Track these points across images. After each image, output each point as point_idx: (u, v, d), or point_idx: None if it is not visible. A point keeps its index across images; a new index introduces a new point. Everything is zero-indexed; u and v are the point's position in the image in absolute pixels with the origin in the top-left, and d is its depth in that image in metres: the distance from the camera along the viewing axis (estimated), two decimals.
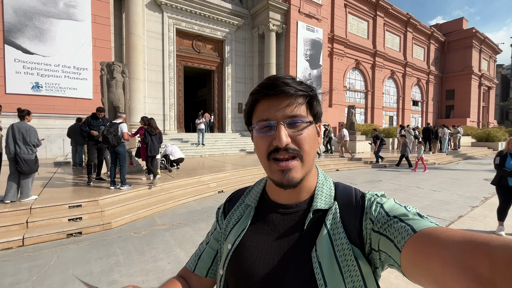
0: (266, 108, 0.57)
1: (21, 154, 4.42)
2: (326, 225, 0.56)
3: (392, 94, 29.24)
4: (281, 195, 0.63)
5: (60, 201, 4.49)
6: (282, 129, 0.54)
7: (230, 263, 0.62)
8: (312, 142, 0.58)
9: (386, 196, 0.59)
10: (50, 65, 10.25)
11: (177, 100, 15.46)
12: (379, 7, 25.57)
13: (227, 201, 0.76)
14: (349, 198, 0.60)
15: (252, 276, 0.58)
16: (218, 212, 0.76)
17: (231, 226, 0.68)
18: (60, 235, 3.86)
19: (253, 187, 0.73)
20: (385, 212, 0.52)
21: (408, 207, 0.52)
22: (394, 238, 0.46)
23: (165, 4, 14.30)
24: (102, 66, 7.34)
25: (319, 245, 0.54)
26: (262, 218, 0.65)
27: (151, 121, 6.07)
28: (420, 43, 32.27)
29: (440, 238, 0.39)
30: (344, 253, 0.53)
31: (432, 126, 15.10)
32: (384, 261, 0.51)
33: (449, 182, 8.11)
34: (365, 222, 0.54)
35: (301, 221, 0.60)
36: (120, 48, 13.16)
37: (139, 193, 5.46)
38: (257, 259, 0.59)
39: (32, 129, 4.60)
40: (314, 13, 18.13)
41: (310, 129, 0.58)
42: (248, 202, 0.69)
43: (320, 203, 0.59)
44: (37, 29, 10.00)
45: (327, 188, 0.63)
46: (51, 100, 10.30)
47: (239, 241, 0.63)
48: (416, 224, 0.45)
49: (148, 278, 2.86)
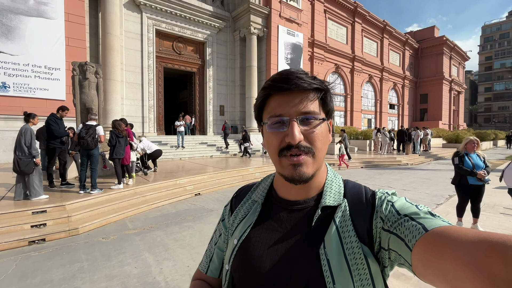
0: (278, 103, 0.56)
1: (17, 156, 4.53)
2: (335, 222, 0.55)
3: (370, 98, 30.32)
4: (290, 191, 0.62)
5: (22, 206, 4.28)
6: (295, 125, 0.54)
7: (236, 258, 0.62)
8: (324, 139, 0.58)
9: (397, 195, 0.58)
10: (18, 64, 9.75)
11: (156, 102, 15.18)
12: (357, 14, 26.54)
13: (234, 197, 0.75)
14: (359, 196, 0.59)
15: (258, 272, 0.57)
16: (224, 210, 0.75)
17: (238, 221, 0.67)
18: (21, 243, 3.67)
19: (260, 183, 0.72)
20: (396, 211, 0.51)
21: (419, 206, 0.51)
22: (405, 237, 0.46)
23: (144, 4, 14.05)
24: (74, 66, 7.08)
25: (327, 242, 0.53)
26: (269, 214, 0.64)
27: (116, 123, 5.91)
28: (395, 49, 33.76)
29: (453, 237, 0.38)
30: (353, 251, 0.52)
31: (406, 128, 15.82)
32: (394, 260, 0.50)
33: (419, 182, 8.51)
34: (375, 220, 0.53)
35: (309, 218, 0.58)
36: (96, 48, 12.76)
37: (111, 197, 5.30)
38: (263, 255, 0.58)
39: (27, 131, 4.64)
40: (295, 18, 18.50)
41: (322, 126, 0.57)
42: (255, 198, 0.68)
43: (329, 200, 0.58)
44: (4, 26, 9.49)
45: (336, 185, 0.62)
46: (19, 101, 9.78)
47: (245, 237, 0.62)
48: (427, 223, 0.44)
49: (112, 284, 2.79)
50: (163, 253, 3.48)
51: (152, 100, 14.76)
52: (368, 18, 27.93)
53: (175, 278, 2.90)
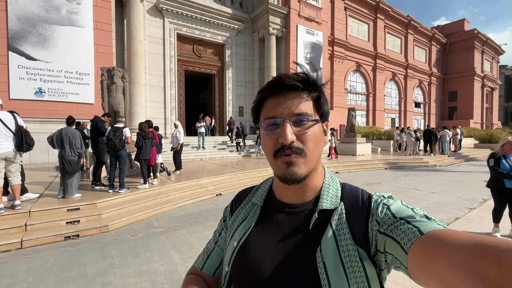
0: (272, 106, 0.58)
1: (66, 156, 4.84)
2: (331, 226, 0.56)
3: (393, 96, 29.19)
4: (287, 194, 0.63)
5: (59, 204, 4.57)
6: (287, 126, 0.55)
7: (236, 260, 0.63)
8: (318, 140, 0.58)
9: (394, 198, 0.58)
10: (52, 71, 10.44)
11: (178, 104, 15.61)
12: (380, 9, 25.66)
13: (234, 200, 0.77)
14: (356, 199, 0.59)
15: (257, 274, 0.58)
16: (225, 212, 0.77)
17: (237, 224, 0.68)
18: (58, 238, 3.93)
19: (260, 186, 0.73)
20: (392, 214, 0.51)
21: (415, 209, 0.51)
22: (400, 240, 0.46)
23: (166, 9, 14.51)
24: (102, 71, 7.47)
25: (324, 245, 0.54)
26: (267, 217, 0.65)
27: (142, 125, 6.15)
28: (421, 45, 32.24)
29: (448, 240, 0.38)
30: (349, 254, 0.52)
31: (433, 128, 15.04)
32: (390, 263, 0.50)
33: (448, 184, 8.06)
34: (371, 223, 0.54)
35: (306, 221, 0.59)
36: (122, 53, 13.36)
37: (137, 196, 5.52)
38: (262, 257, 0.59)
39: (77, 134, 5.05)
40: (314, 17, 18.25)
41: (316, 128, 0.58)
42: (254, 201, 0.69)
43: (326, 203, 0.59)
44: (40, 36, 10.21)
45: (333, 189, 0.62)
46: (53, 105, 10.47)
47: (245, 239, 0.63)
48: (423, 226, 0.44)
49: (141, 279, 2.90)
50: (188, 252, 3.57)
51: (174, 102, 15.20)
52: (391, 14, 26.90)
53: None
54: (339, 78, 22.32)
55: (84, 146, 5.28)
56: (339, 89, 22.30)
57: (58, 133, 4.94)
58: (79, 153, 5.05)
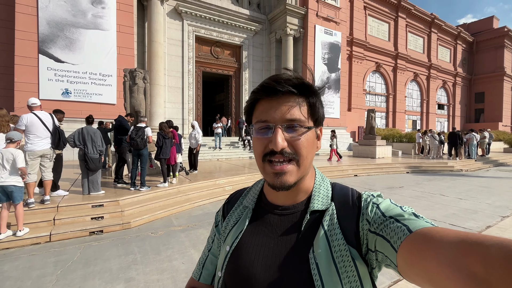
0: (265, 109, 0.56)
1: (89, 154, 5.02)
2: (323, 226, 0.56)
3: (415, 98, 28.16)
4: (278, 196, 0.63)
5: (84, 200, 4.74)
6: (279, 132, 0.54)
7: (229, 265, 0.62)
8: (310, 147, 0.57)
9: (383, 196, 0.59)
10: (78, 73, 10.91)
11: (195, 104, 15.85)
12: (401, 8, 24.87)
13: (226, 203, 0.75)
14: (346, 199, 0.59)
15: (251, 277, 0.58)
16: (217, 216, 0.76)
17: (230, 228, 0.68)
18: (83, 233, 4.07)
19: (251, 188, 0.73)
20: (381, 213, 0.52)
21: (404, 207, 0.51)
22: (390, 239, 0.46)
23: (185, 12, 14.80)
24: (125, 72, 7.71)
25: (316, 246, 0.54)
26: (259, 219, 0.64)
27: (163, 125, 6.26)
28: (445, 44, 30.91)
29: (435, 237, 0.39)
30: (341, 253, 0.53)
31: (459, 130, 14.31)
32: (381, 261, 0.50)
33: (477, 190, 7.63)
34: (361, 222, 0.54)
35: (298, 222, 0.59)
36: (143, 55, 13.75)
37: (157, 194, 5.63)
38: (255, 261, 0.59)
39: (98, 133, 5.25)
40: (332, 17, 17.96)
41: (308, 134, 0.57)
42: (246, 204, 0.69)
43: (317, 204, 0.59)
44: (67, 39, 10.71)
45: (324, 189, 0.62)
46: (79, 105, 10.94)
47: (237, 243, 0.63)
48: (412, 224, 0.45)
49: (163, 277, 2.93)
50: None
51: (192, 103, 15.45)
52: (413, 12, 25.98)
53: None
54: (357, 79, 21.82)
55: (104, 144, 5.45)
56: (358, 90, 21.80)
57: (79, 132, 5.09)
58: (100, 151, 5.21)
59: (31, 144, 4.34)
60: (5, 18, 11.00)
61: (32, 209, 4.24)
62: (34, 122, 4.38)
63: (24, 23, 10.02)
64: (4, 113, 4.66)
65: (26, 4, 10.03)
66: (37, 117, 4.43)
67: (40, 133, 4.41)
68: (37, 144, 4.38)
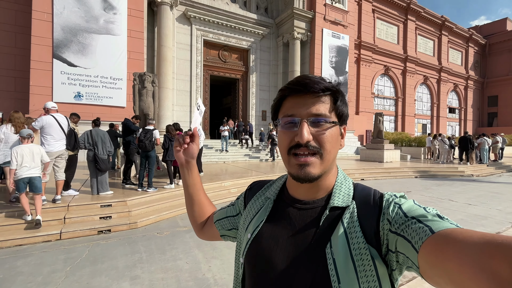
0: (292, 105, 0.59)
1: (99, 155, 5.21)
2: (343, 223, 0.56)
3: (425, 101, 27.71)
4: (299, 190, 0.64)
5: (93, 200, 4.88)
6: (305, 126, 0.56)
7: (249, 252, 0.64)
8: (334, 142, 0.59)
9: (406, 197, 0.58)
10: (90, 76, 11.24)
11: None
12: (410, 11, 24.63)
13: (248, 190, 0.79)
14: (367, 198, 0.59)
15: (269, 266, 0.59)
16: (239, 197, 0.83)
17: (251, 216, 0.70)
18: (92, 231, 4.19)
19: (275, 182, 0.75)
20: (403, 213, 0.51)
21: (427, 208, 0.51)
22: (411, 239, 0.46)
23: (194, 17, 15.09)
24: (134, 76, 7.91)
25: (334, 242, 0.54)
26: (280, 212, 0.66)
27: (169, 127, 6.38)
28: (457, 46, 30.38)
29: (459, 238, 0.38)
30: (360, 252, 0.52)
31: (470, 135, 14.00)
32: (402, 263, 0.50)
33: (488, 196, 7.44)
34: (382, 222, 0.54)
35: (317, 218, 0.60)
36: (152, 59, 14.06)
37: (164, 195, 5.73)
38: (273, 251, 0.60)
39: (106, 135, 5.45)
40: (340, 20, 17.96)
41: (333, 130, 0.59)
42: (268, 195, 0.71)
43: (337, 201, 0.60)
44: (80, 44, 11.07)
45: (345, 187, 0.63)
46: (90, 108, 11.25)
47: (258, 231, 0.65)
48: (435, 225, 0.44)
49: (167, 276, 3.00)
50: (211, 252, 3.63)
51: None
52: (423, 15, 25.69)
53: (223, 276, 3.00)
54: (365, 82, 21.65)
55: (113, 146, 5.60)
56: (366, 93, 21.62)
57: (89, 134, 5.23)
58: (109, 152, 5.38)
59: (48, 145, 4.58)
60: (23, 24, 11.48)
61: (44, 208, 4.39)
62: (52, 124, 4.61)
63: (40, 29, 10.42)
64: (19, 115, 4.93)
65: (42, 11, 10.44)
66: (55, 119, 4.65)
67: (56, 135, 4.65)
68: (53, 145, 4.62)
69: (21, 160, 3.90)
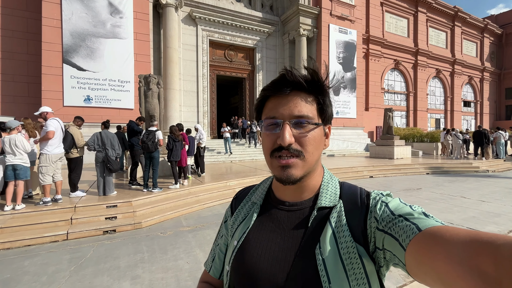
0: (274, 105, 0.58)
1: (110, 157, 5.36)
2: (330, 223, 0.56)
3: (438, 95, 26.87)
4: (285, 192, 0.63)
5: (100, 201, 4.99)
6: (287, 128, 0.55)
7: (235, 259, 0.63)
8: (317, 144, 0.58)
9: (392, 196, 0.59)
10: (98, 80, 11.51)
11: (210, 107, 16.14)
12: (421, 2, 23.90)
13: (234, 199, 0.77)
14: (354, 197, 0.59)
15: (257, 272, 0.58)
16: (226, 213, 0.78)
17: (238, 223, 0.68)
18: (97, 232, 4.28)
19: (259, 185, 0.74)
20: (390, 211, 0.52)
21: (413, 206, 0.51)
22: (399, 237, 0.46)
23: (199, 17, 15.17)
24: (140, 78, 8.02)
25: (323, 242, 0.54)
26: (267, 215, 0.65)
27: (173, 128, 6.42)
28: (471, 37, 29.26)
29: (445, 236, 0.38)
30: (348, 251, 0.53)
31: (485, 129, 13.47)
32: (389, 260, 0.50)
33: (503, 192, 7.14)
34: (369, 220, 0.54)
35: (305, 219, 0.60)
36: (159, 61, 14.24)
37: (168, 196, 5.79)
38: (261, 255, 0.59)
39: (115, 137, 5.61)
40: (347, 15, 17.63)
41: (316, 131, 0.57)
42: (254, 200, 0.70)
43: (324, 201, 0.59)
44: (88, 49, 11.34)
45: (332, 187, 0.62)
46: (99, 111, 11.52)
47: (245, 238, 0.64)
48: (421, 223, 0.45)
49: (167, 275, 3.02)
50: None
51: (206, 106, 15.75)
52: (435, 6, 24.85)
53: None
54: (375, 78, 21.19)
55: (120, 147, 5.72)
56: (375, 89, 21.16)
57: (98, 136, 5.38)
58: (118, 153, 5.48)
59: (56, 147, 4.73)
60: (34, 31, 11.86)
61: (52, 209, 4.53)
62: (58, 128, 4.76)
63: (50, 35, 10.74)
64: (29, 121, 5.17)
65: (52, 17, 10.76)
66: (58, 123, 4.81)
67: (60, 137, 4.80)
68: (59, 147, 4.82)
69: (9, 149, 4.37)
